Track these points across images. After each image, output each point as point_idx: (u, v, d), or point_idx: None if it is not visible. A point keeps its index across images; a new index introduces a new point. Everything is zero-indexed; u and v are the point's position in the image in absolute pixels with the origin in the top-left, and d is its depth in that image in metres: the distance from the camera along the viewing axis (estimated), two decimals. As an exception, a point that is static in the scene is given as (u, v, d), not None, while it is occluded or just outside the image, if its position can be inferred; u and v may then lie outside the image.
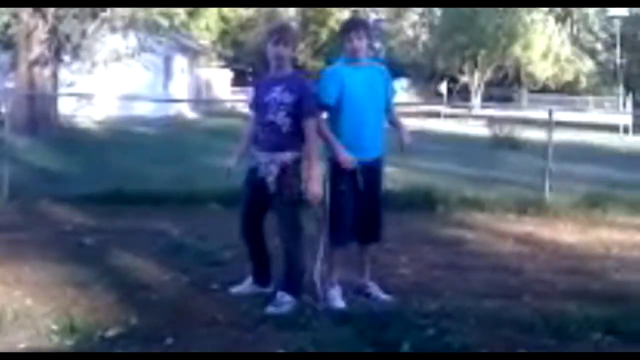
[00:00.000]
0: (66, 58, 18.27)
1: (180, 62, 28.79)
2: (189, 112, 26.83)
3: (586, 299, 4.82)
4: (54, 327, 3.97)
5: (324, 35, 47.86)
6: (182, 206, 7.77)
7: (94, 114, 20.20)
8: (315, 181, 4.38)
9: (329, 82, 4.61)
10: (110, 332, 3.93)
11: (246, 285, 4.80)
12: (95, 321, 4.08)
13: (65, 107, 18.86)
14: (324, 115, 4.65)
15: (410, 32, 46.82)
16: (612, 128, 25.53)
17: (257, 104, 4.57)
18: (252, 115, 4.70)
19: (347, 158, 4.50)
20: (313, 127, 4.42)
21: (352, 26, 4.65)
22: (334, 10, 46.47)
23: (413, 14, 46.88)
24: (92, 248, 5.97)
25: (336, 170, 4.59)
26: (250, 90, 4.99)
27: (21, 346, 3.77)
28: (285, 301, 4.44)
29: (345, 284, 4.79)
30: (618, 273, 5.65)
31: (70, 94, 19.04)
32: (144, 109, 20.90)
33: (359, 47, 4.56)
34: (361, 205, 4.63)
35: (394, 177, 5.32)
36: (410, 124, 6.59)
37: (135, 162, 11.00)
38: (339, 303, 4.59)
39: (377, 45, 49.49)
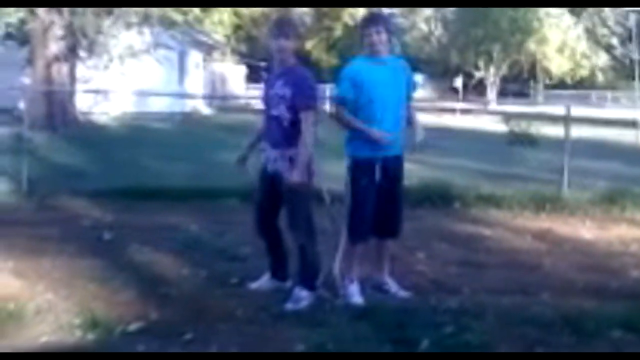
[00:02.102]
0: (82, 54, 18.37)
1: (194, 57, 28.86)
2: (204, 108, 26.91)
3: (605, 297, 4.81)
4: (76, 321, 4.00)
5: (338, 30, 47.76)
6: (200, 202, 7.81)
7: (111, 109, 20.30)
8: (299, 169, 4.35)
9: (344, 78, 4.61)
10: (132, 327, 3.96)
11: (264, 281, 4.83)
12: (116, 316, 4.12)
13: (82, 103, 18.97)
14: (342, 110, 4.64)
15: (424, 27, 46.62)
16: (629, 124, 25.32)
17: (265, 99, 4.60)
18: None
19: (378, 133, 4.50)
20: (308, 119, 4.38)
21: (371, 21, 4.63)
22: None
23: (427, 9, 46.63)
24: (111, 243, 6.01)
25: (357, 166, 4.60)
26: (263, 86, 5.00)
27: (43, 340, 3.81)
28: (302, 297, 4.46)
29: (363, 280, 4.80)
30: (637, 270, 5.62)
31: (87, 91, 19.15)
32: (160, 105, 20.99)
33: (379, 41, 4.55)
34: (381, 201, 4.63)
35: (410, 173, 5.30)
36: (425, 119, 6.59)
37: (152, 158, 11.07)
38: (358, 299, 4.60)
39: (392, 40, 49.23)
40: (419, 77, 48.16)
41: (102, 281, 4.80)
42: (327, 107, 5.52)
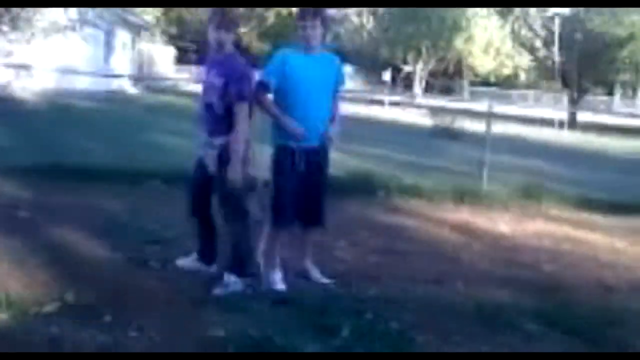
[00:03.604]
0: (4, 28, 17.69)
1: (122, 36, 28.22)
2: (130, 88, 26.36)
3: (519, 289, 4.98)
4: (-10, 302, 3.88)
5: (271, 18, 47.53)
6: (123, 183, 7.62)
7: (32, 85, 19.65)
8: (233, 165, 4.35)
9: (271, 64, 4.62)
10: (47, 308, 3.86)
11: (190, 260, 4.82)
12: (32, 297, 4.00)
13: (2, 77, 18.28)
14: (269, 96, 4.65)
15: (356, 20, 46.92)
16: (549, 122, 26.23)
17: (202, 86, 4.59)
18: None
19: (296, 128, 4.52)
20: (241, 112, 4.37)
21: (307, 13, 4.63)
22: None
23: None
24: (28, 222, 5.82)
25: (279, 154, 4.62)
26: (193, 68, 4.95)
27: (-48, 320, 3.68)
28: (231, 282, 4.45)
29: (286, 267, 4.82)
30: (550, 264, 5.84)
31: (8, 65, 18.45)
32: (84, 83, 20.42)
33: (313, 36, 4.56)
34: (305, 189, 4.65)
35: (335, 163, 5.35)
36: (355, 110, 6.63)
37: (74, 136, 10.78)
38: (280, 286, 4.63)
39: (326, 35, 49.29)
40: (348, 69, 48.49)
41: (17, 261, 4.65)
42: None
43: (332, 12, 48.47)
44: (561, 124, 25.92)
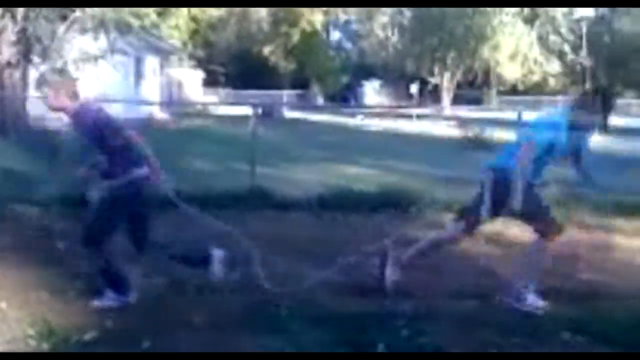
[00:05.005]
0: (35, 59, 18.07)
1: (151, 62, 28.62)
2: (159, 113, 26.71)
3: (556, 299, 4.93)
4: (30, 331, 3.97)
5: (296, 35, 47.84)
6: (158, 207, 7.70)
7: (64, 115, 19.99)
8: None
9: None
10: (87, 336, 3.94)
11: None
12: (72, 325, 4.09)
13: (35, 108, 18.64)
14: None
15: (380, 34, 47.02)
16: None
17: None
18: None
19: None
20: None
21: None
22: (305, 11, 46.50)
23: (383, 16, 47.06)
24: (64, 252, 5.93)
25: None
26: (221, 91, 5.03)
27: (-2, 350, 3.77)
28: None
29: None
30: (587, 273, 5.78)
31: (40, 96, 18.82)
32: (115, 110, 20.72)
33: None
34: None
35: (367, 178, 5.36)
36: (383, 125, 6.65)
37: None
38: None
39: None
40: (375, 83, 48.66)
41: (56, 291, 4.75)
42: None
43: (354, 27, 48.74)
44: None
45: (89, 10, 17.47)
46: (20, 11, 16.16)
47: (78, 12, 17.43)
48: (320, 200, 8.33)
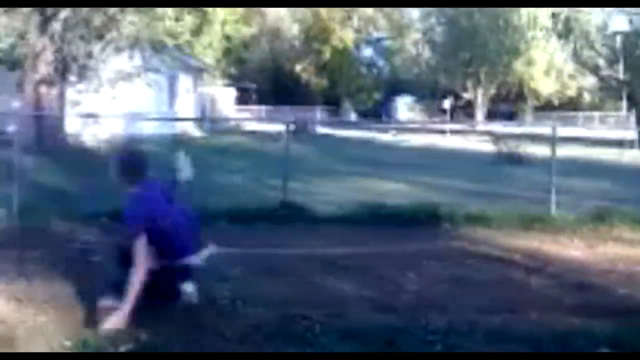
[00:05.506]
0: (72, 78, 18.44)
1: (184, 81, 28.98)
2: (194, 130, 26.97)
3: (592, 314, 4.85)
4: (67, 343, 4.01)
5: (327, 52, 48.10)
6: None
7: (100, 132, 20.33)
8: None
9: None
10: (122, 349, 3.97)
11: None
12: (107, 338, 4.12)
13: (72, 126, 19.00)
14: None
15: (412, 50, 47.07)
16: (617, 143, 25.58)
17: None
18: None
19: None
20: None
21: None
22: (336, 27, 46.77)
23: (415, 32, 47.13)
24: (100, 266, 6.00)
25: None
26: (253, 108, 5.08)
27: (34, 363, 3.81)
28: None
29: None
30: (623, 288, 5.67)
31: (77, 114, 19.17)
32: (150, 128, 21.02)
33: None
34: None
35: (400, 193, 5.36)
36: (416, 140, 6.64)
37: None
38: None
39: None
40: (407, 99, 48.60)
41: (93, 304, 4.79)
42: None
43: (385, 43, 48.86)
44: (631, 143, 25.27)
45: (124, 30, 17.79)
46: (57, 31, 16.49)
47: (114, 32, 17.76)
48: (354, 214, 8.34)
